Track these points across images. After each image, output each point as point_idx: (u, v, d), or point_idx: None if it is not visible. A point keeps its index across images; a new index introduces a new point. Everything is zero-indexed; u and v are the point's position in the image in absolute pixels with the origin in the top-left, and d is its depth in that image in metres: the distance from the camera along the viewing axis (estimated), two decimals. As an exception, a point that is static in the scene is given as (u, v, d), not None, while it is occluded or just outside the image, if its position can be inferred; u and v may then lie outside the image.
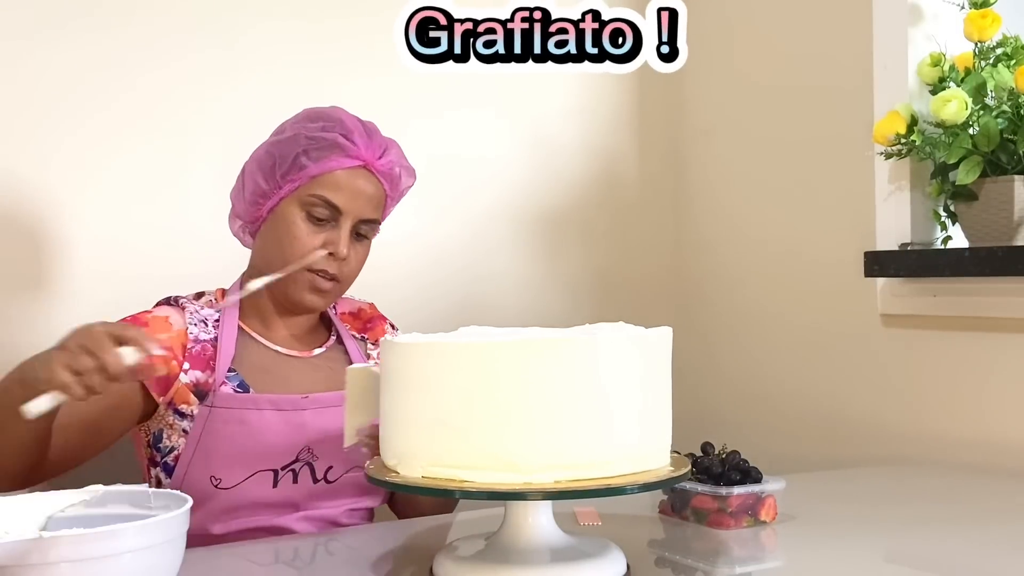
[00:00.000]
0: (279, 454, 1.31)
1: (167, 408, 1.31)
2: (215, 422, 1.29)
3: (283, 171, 1.32)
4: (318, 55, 1.91)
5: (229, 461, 1.29)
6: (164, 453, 1.32)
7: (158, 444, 1.33)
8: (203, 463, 1.29)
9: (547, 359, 0.91)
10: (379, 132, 1.39)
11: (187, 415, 1.31)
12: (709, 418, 2.00)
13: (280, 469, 1.31)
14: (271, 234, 1.35)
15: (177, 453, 1.31)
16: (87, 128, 1.70)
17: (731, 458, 1.22)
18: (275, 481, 1.31)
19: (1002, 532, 1.21)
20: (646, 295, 2.26)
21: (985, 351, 1.63)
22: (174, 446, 1.31)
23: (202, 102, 1.79)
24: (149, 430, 1.33)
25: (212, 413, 1.29)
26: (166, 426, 1.32)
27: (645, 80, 2.26)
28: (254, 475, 1.29)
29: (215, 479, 1.29)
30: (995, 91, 1.57)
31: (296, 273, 1.31)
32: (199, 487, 1.28)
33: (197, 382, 1.31)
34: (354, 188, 1.33)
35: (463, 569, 0.98)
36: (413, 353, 0.96)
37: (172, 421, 1.31)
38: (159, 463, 1.33)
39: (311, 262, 1.31)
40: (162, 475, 1.33)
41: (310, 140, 1.33)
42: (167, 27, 1.77)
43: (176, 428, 1.31)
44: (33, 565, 0.77)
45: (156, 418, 1.33)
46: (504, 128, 2.09)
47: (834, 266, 1.88)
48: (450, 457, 0.93)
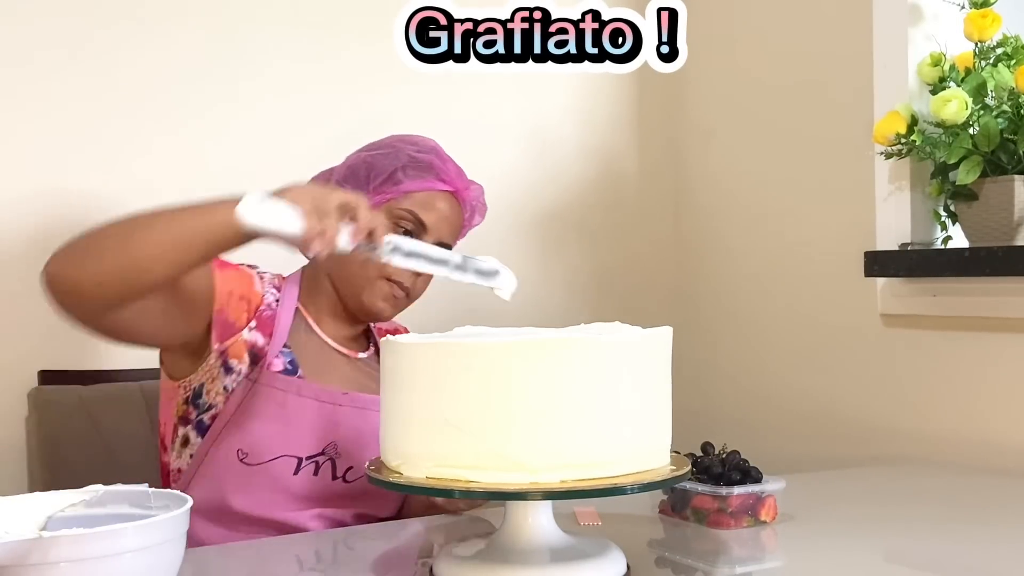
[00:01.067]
0: (308, 443, 1.32)
1: (218, 358, 1.32)
2: (256, 398, 1.31)
3: (378, 183, 1.37)
4: (319, 57, 1.91)
5: (259, 438, 1.30)
6: (202, 410, 1.32)
7: (197, 400, 1.33)
8: (235, 433, 1.30)
9: (548, 359, 0.91)
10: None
11: (234, 372, 1.32)
12: (709, 418, 2.00)
13: (305, 458, 1.32)
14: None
15: (215, 412, 1.31)
16: (111, 129, 1.73)
17: (731, 458, 1.22)
18: (297, 468, 1.32)
19: (1002, 532, 1.21)
20: (646, 295, 2.26)
21: (985, 351, 1.63)
22: (213, 404, 1.32)
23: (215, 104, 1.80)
24: (190, 384, 1.33)
25: (255, 388, 1.31)
26: (209, 380, 1.32)
27: (645, 80, 2.26)
28: (279, 458, 1.31)
29: (242, 452, 1.30)
30: (995, 91, 1.57)
31: (375, 280, 1.36)
32: (225, 456, 1.30)
33: (255, 344, 1.33)
34: (441, 211, 1.39)
35: (463, 569, 0.98)
36: (414, 353, 0.96)
37: (217, 374, 1.32)
38: (193, 421, 1.33)
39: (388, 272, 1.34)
40: (193, 434, 1.33)
41: (410, 159, 1.39)
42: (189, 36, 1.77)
43: (218, 384, 1.32)
44: (33, 565, 0.77)
45: (201, 371, 1.32)
46: (504, 128, 2.09)
47: (834, 266, 1.88)
48: (450, 458, 0.93)
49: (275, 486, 1.31)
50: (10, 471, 1.65)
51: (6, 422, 1.65)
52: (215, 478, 1.31)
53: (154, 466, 1.57)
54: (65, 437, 1.59)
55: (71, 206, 1.71)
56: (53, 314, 1.66)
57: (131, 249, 1.10)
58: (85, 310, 1.15)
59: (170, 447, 1.36)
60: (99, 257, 1.10)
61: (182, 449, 1.34)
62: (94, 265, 1.10)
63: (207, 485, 1.31)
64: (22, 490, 1.42)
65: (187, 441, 1.34)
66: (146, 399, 1.66)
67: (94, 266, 1.10)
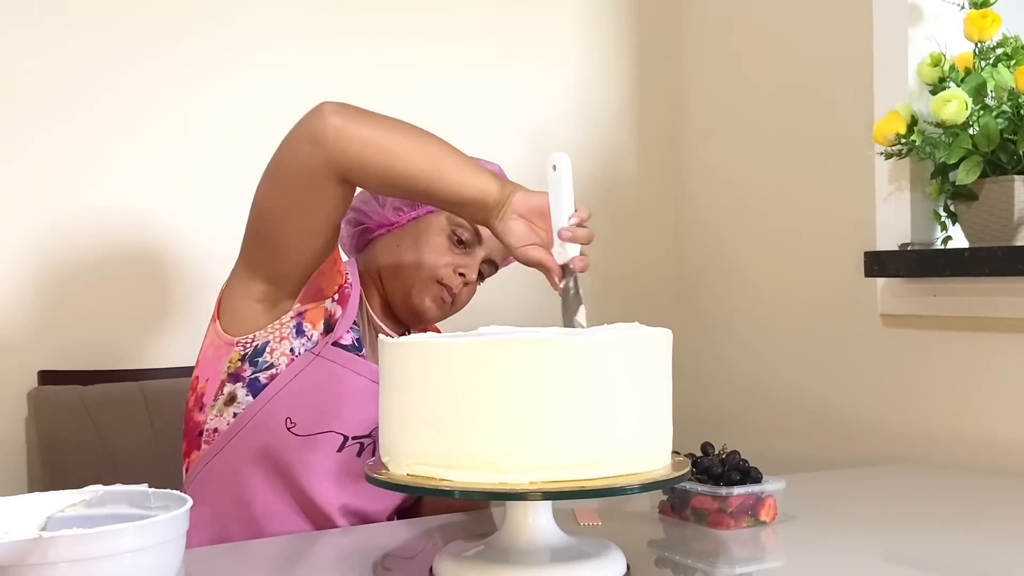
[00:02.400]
0: (357, 423, 1.32)
1: (293, 318, 1.31)
2: (316, 370, 1.30)
3: None
4: (321, 55, 1.91)
5: (311, 410, 1.30)
6: (260, 368, 1.31)
7: (257, 357, 1.31)
8: (288, 400, 1.30)
9: (549, 359, 0.91)
10: None
11: (305, 336, 1.31)
12: (709, 418, 2.00)
13: (351, 437, 1.32)
14: (408, 240, 1.40)
15: (275, 372, 1.30)
16: (111, 129, 1.72)
17: (731, 458, 1.22)
18: (342, 446, 1.32)
19: (1002, 532, 1.21)
20: (646, 295, 2.26)
21: (985, 351, 1.63)
22: (275, 363, 1.30)
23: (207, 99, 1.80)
24: (251, 342, 1.31)
25: (316, 361, 1.31)
26: (276, 339, 1.31)
27: (645, 80, 2.26)
28: (327, 433, 1.30)
29: (290, 421, 1.29)
30: (995, 91, 1.57)
31: (427, 280, 1.38)
32: (273, 422, 1.29)
33: (333, 315, 1.33)
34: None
35: (463, 569, 0.98)
36: (414, 353, 0.96)
37: (287, 334, 1.31)
38: (246, 378, 1.31)
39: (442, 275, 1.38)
40: (242, 392, 1.30)
41: None
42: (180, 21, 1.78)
43: (285, 344, 1.31)
44: (33, 565, 0.77)
45: (270, 328, 1.31)
46: (504, 128, 2.10)
47: (834, 266, 1.89)
48: (450, 457, 0.93)
49: (317, 461, 1.31)
50: (10, 471, 1.65)
51: (6, 422, 1.66)
52: (258, 443, 1.29)
53: (154, 466, 1.58)
54: (65, 437, 1.59)
55: (71, 206, 1.71)
56: (53, 314, 1.67)
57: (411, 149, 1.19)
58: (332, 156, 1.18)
59: (209, 405, 1.32)
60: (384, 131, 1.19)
61: (225, 408, 1.31)
62: (376, 132, 1.18)
63: (249, 449, 1.30)
64: (22, 490, 1.42)
65: (233, 399, 1.31)
66: (146, 399, 1.66)
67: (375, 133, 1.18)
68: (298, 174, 1.20)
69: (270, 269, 1.29)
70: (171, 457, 1.43)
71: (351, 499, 1.34)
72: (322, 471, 1.31)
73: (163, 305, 1.78)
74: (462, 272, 1.38)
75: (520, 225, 1.18)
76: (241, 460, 1.30)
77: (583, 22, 2.21)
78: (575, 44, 2.20)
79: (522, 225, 1.18)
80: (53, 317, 1.68)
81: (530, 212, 1.18)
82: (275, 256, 1.29)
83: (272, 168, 1.23)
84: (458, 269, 1.38)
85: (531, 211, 1.18)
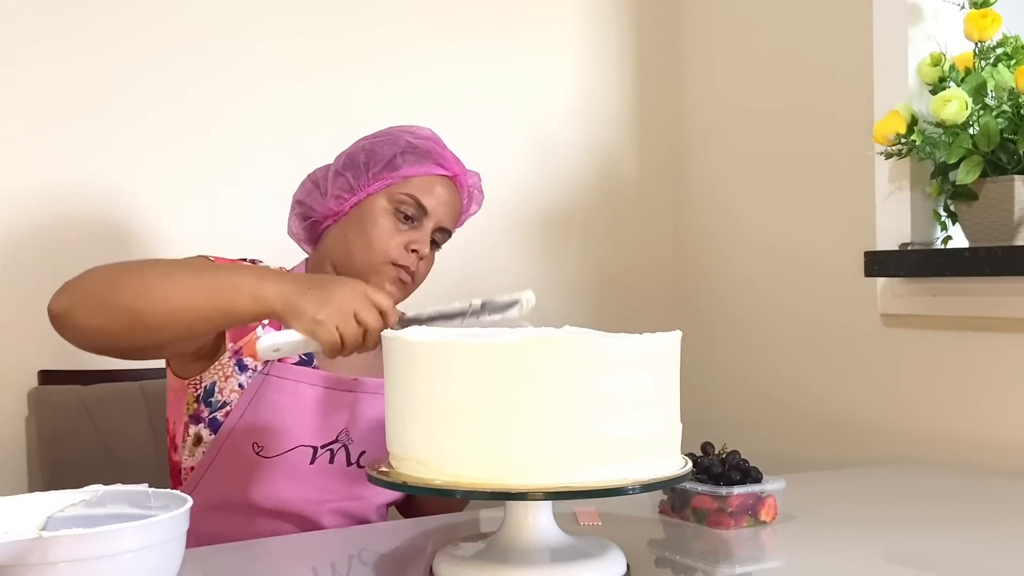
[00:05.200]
0: (321, 432, 1.33)
1: (231, 357, 1.32)
2: (269, 389, 1.31)
3: (377, 169, 1.38)
4: (318, 57, 1.91)
5: (274, 430, 1.31)
6: (215, 408, 1.32)
7: (209, 398, 1.33)
8: (250, 426, 1.31)
9: (551, 360, 0.91)
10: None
11: (249, 368, 1.32)
12: (709, 418, 2.00)
13: (320, 447, 1.33)
14: (354, 227, 1.39)
15: (229, 409, 1.31)
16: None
17: (731, 458, 1.22)
18: (313, 458, 1.33)
19: (1002, 532, 1.21)
20: (646, 295, 2.26)
21: (985, 351, 1.63)
22: (227, 401, 1.32)
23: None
24: (201, 383, 1.33)
25: (267, 381, 1.31)
26: (221, 379, 1.32)
27: (645, 80, 2.26)
28: (295, 448, 1.32)
29: (257, 446, 1.31)
30: (995, 91, 1.57)
31: (381, 265, 1.36)
32: (242, 451, 1.30)
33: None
34: (440, 195, 1.40)
35: (463, 569, 0.98)
36: (417, 350, 0.96)
37: (231, 372, 1.32)
38: (206, 419, 1.33)
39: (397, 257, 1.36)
40: (206, 432, 1.33)
41: (408, 144, 1.40)
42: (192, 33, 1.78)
43: (232, 382, 1.32)
44: (33, 565, 0.77)
45: (213, 369, 1.33)
46: (504, 128, 2.10)
47: (834, 266, 1.88)
48: (451, 456, 0.93)
49: (292, 477, 1.32)
50: (10, 471, 1.65)
51: (6, 422, 1.65)
52: (231, 473, 1.31)
53: (154, 466, 1.58)
54: (65, 437, 1.59)
55: (71, 207, 1.71)
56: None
57: (141, 310, 1.12)
58: (89, 346, 1.17)
59: (181, 446, 1.35)
60: (108, 310, 1.12)
61: (194, 448, 1.34)
62: (101, 317, 1.12)
63: (223, 481, 1.31)
64: (22, 490, 1.42)
65: (200, 440, 1.34)
66: (146, 399, 1.66)
67: (101, 318, 1.12)
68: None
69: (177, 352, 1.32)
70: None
71: (336, 503, 1.35)
72: (301, 485, 1.32)
73: (163, 305, 1.77)
74: (414, 248, 1.37)
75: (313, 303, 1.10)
76: (221, 491, 1.31)
77: (583, 22, 2.20)
78: (575, 44, 2.20)
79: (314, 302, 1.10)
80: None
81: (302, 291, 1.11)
82: (169, 356, 1.32)
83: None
84: (410, 246, 1.37)
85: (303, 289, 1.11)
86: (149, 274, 1.15)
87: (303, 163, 1.48)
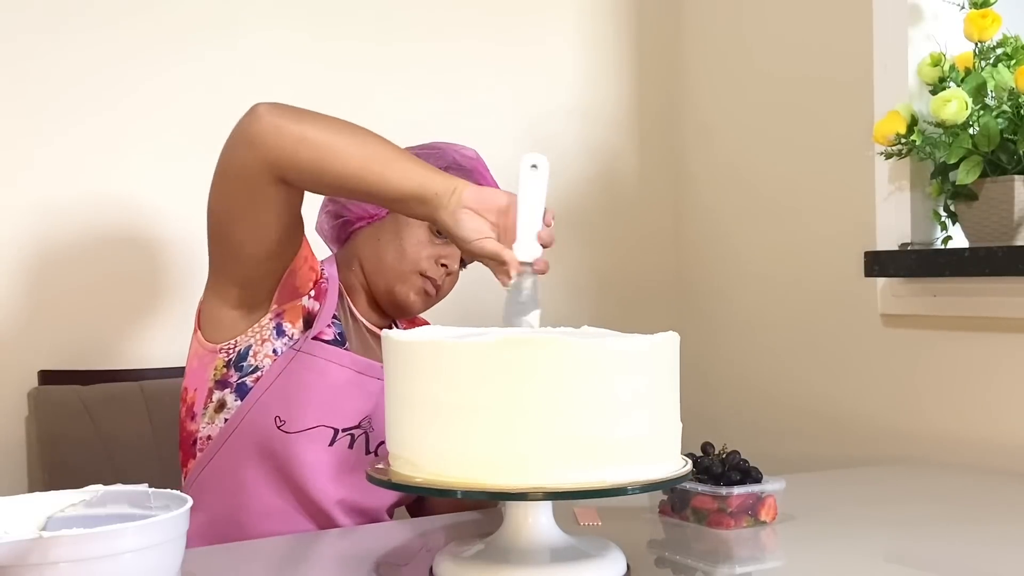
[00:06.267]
0: (345, 415, 1.33)
1: (273, 319, 1.31)
2: (299, 366, 1.31)
3: None
4: (318, 57, 1.91)
5: (298, 406, 1.30)
6: (246, 372, 1.31)
7: (241, 362, 1.32)
8: (275, 399, 1.30)
9: (555, 361, 0.91)
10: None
11: (286, 335, 1.32)
12: (709, 418, 2.00)
13: (341, 430, 1.33)
14: (389, 233, 1.40)
15: (260, 375, 1.31)
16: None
17: (731, 458, 1.22)
18: (333, 440, 1.32)
19: (1002, 532, 1.21)
20: (646, 295, 2.26)
21: (985, 351, 1.63)
22: (259, 366, 1.31)
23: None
24: (234, 347, 1.32)
25: (297, 357, 1.31)
26: (258, 342, 1.32)
27: (645, 80, 2.26)
28: (317, 428, 1.31)
29: (280, 419, 1.30)
30: (995, 91, 1.57)
31: (410, 274, 1.38)
32: (263, 422, 1.29)
33: (311, 312, 1.34)
34: None
35: (463, 569, 0.98)
36: (415, 351, 0.96)
37: (268, 336, 1.31)
38: (233, 384, 1.32)
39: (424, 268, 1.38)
40: (231, 398, 1.31)
41: (454, 161, 1.41)
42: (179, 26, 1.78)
43: (267, 346, 1.31)
44: (33, 565, 0.77)
45: (251, 332, 1.32)
46: (504, 128, 2.10)
47: (834, 266, 1.89)
48: (451, 456, 0.93)
49: (310, 457, 1.31)
50: (10, 471, 1.65)
51: (6, 422, 1.66)
52: (250, 445, 1.30)
53: (154, 466, 1.58)
54: (65, 437, 1.59)
55: (70, 207, 1.71)
56: (53, 314, 1.67)
57: (346, 146, 1.18)
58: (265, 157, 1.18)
59: (200, 413, 1.33)
60: (316, 129, 1.18)
61: (215, 415, 1.32)
62: (308, 131, 1.17)
63: (241, 452, 1.30)
64: (22, 490, 1.42)
65: (223, 405, 1.32)
66: (146, 399, 1.66)
67: (307, 131, 1.17)
68: (238, 177, 1.21)
69: (238, 273, 1.30)
70: (171, 457, 1.43)
71: (348, 494, 1.34)
72: (317, 467, 1.32)
73: (164, 305, 1.78)
74: (444, 263, 1.38)
75: (471, 218, 1.16)
76: (236, 463, 1.30)
77: (583, 22, 2.20)
78: (575, 44, 2.20)
79: (473, 218, 1.16)
80: (53, 317, 1.68)
81: (483, 207, 1.17)
82: (237, 259, 1.29)
83: (217, 172, 1.23)
84: (440, 260, 1.38)
85: (484, 206, 1.17)
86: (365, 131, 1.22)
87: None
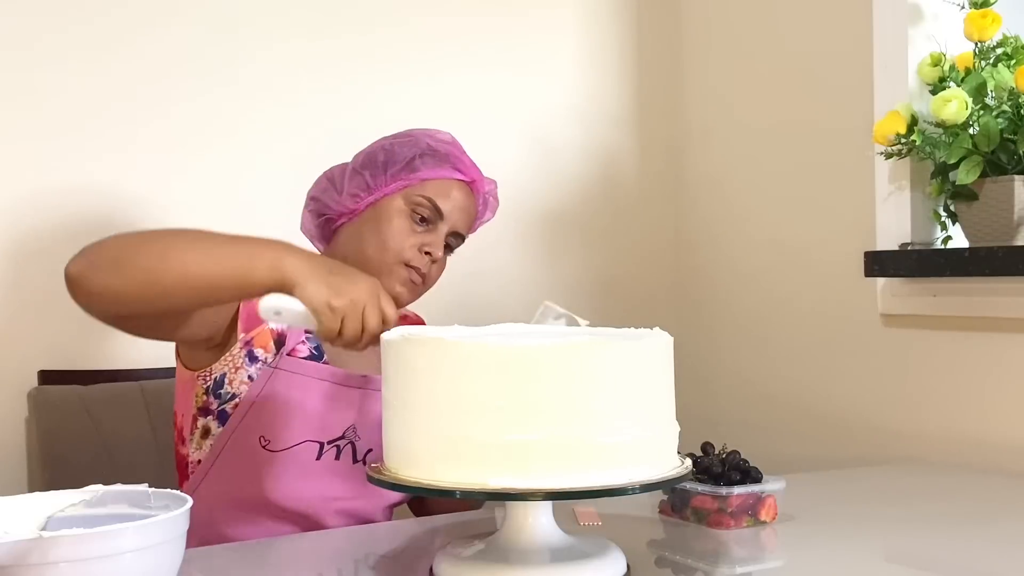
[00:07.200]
0: (329, 428, 1.33)
1: (242, 348, 1.32)
2: (277, 384, 1.31)
3: (395, 170, 1.38)
4: (322, 59, 1.91)
5: (282, 425, 1.31)
6: (224, 400, 1.32)
7: (219, 390, 1.33)
8: (257, 420, 1.30)
9: (553, 362, 0.91)
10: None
11: (259, 360, 1.32)
12: (709, 418, 2.00)
13: (326, 443, 1.33)
14: (369, 226, 1.39)
15: (238, 401, 1.31)
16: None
17: (731, 458, 1.22)
18: (319, 453, 1.33)
19: (1002, 532, 1.21)
20: (646, 295, 2.26)
21: (985, 351, 1.63)
22: (236, 393, 1.32)
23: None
24: (211, 374, 1.33)
25: (275, 374, 1.31)
26: (231, 370, 1.32)
27: (645, 80, 2.26)
28: (302, 443, 1.31)
29: (264, 439, 1.30)
30: (995, 91, 1.57)
31: (393, 265, 1.36)
32: (249, 444, 1.30)
33: (280, 333, 1.34)
34: (458, 199, 1.40)
35: (463, 569, 0.98)
36: (416, 351, 0.96)
37: (240, 364, 1.32)
38: (214, 411, 1.33)
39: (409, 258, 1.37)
40: (214, 424, 1.33)
41: (428, 147, 1.40)
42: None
43: (241, 373, 1.32)
44: (33, 565, 0.77)
45: (223, 360, 1.33)
46: (504, 128, 2.09)
47: (834, 266, 1.88)
48: (451, 457, 0.93)
49: (298, 473, 1.31)
50: (10, 471, 1.65)
51: (6, 422, 1.65)
52: (237, 467, 1.30)
53: (154, 466, 1.58)
54: (65, 437, 1.59)
55: (69, 207, 1.71)
56: (53, 314, 1.67)
57: (158, 274, 1.12)
58: (104, 312, 1.17)
59: (188, 439, 1.35)
60: (125, 272, 1.12)
61: (202, 440, 1.33)
62: (118, 278, 1.12)
63: (229, 474, 1.31)
64: (22, 490, 1.42)
65: (208, 432, 1.33)
66: (146, 399, 1.66)
67: (118, 279, 1.12)
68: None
69: (191, 333, 1.30)
70: (171, 458, 1.43)
71: (342, 501, 1.35)
72: (307, 481, 1.32)
73: (163, 305, 1.77)
74: (428, 250, 1.37)
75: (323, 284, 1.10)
76: (227, 486, 1.31)
77: (583, 22, 2.20)
78: (575, 44, 2.20)
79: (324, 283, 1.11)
80: (53, 317, 1.68)
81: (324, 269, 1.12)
82: (186, 327, 1.29)
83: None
84: (423, 248, 1.37)
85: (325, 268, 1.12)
86: (170, 239, 1.16)
87: (301, 163, 1.49)
